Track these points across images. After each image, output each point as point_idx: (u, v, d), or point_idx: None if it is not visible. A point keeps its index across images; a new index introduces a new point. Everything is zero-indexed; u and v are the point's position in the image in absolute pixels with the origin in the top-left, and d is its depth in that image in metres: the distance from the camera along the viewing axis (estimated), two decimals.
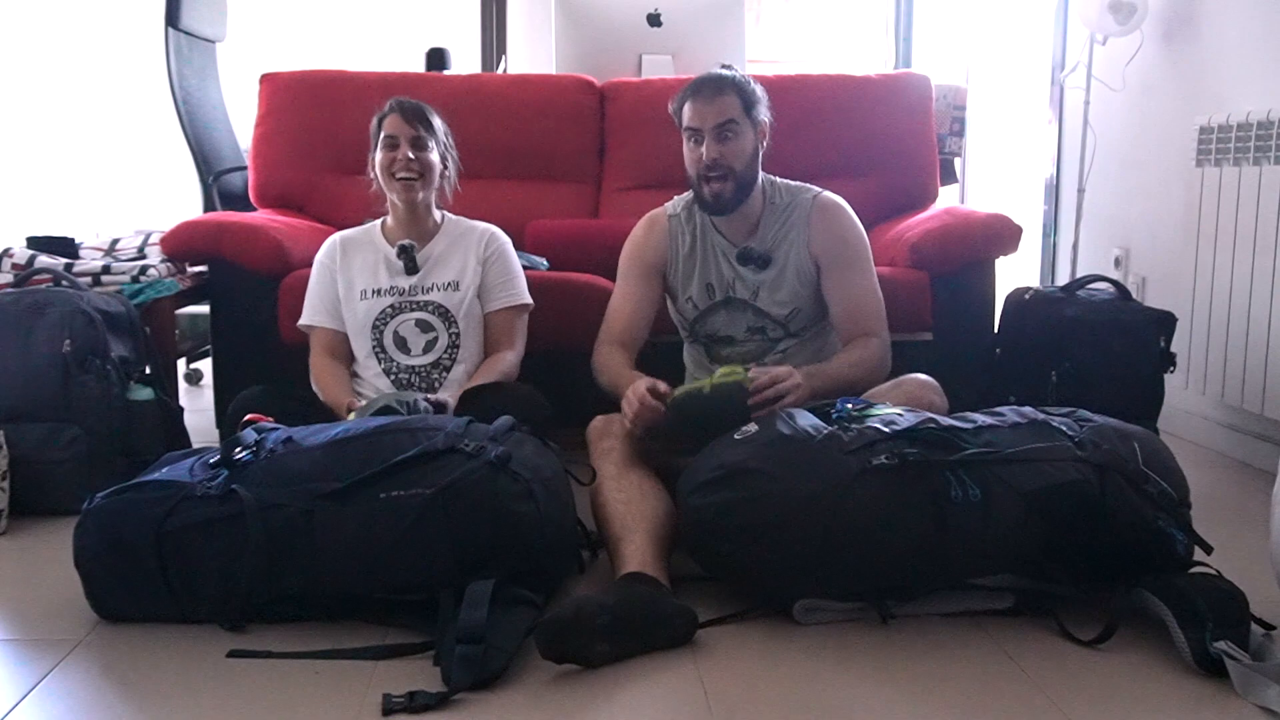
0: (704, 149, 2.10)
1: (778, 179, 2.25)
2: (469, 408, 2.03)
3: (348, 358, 2.31)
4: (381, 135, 2.25)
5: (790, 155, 2.26)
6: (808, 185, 2.25)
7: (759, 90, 2.15)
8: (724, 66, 2.23)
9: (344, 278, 2.30)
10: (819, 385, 1.99)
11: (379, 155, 2.26)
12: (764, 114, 2.16)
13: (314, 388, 2.27)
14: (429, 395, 2.12)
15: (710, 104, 2.09)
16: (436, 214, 2.35)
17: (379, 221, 2.36)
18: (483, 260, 2.31)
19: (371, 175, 2.30)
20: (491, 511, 1.65)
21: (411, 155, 2.23)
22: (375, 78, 3.07)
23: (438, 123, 2.30)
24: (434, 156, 2.27)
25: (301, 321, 2.32)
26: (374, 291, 2.27)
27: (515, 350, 2.32)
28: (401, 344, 2.25)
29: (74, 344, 2.21)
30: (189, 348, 3.49)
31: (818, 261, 2.19)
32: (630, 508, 1.79)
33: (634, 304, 2.22)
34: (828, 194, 2.23)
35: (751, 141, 2.13)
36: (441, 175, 2.30)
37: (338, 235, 2.36)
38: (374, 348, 2.25)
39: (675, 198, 2.29)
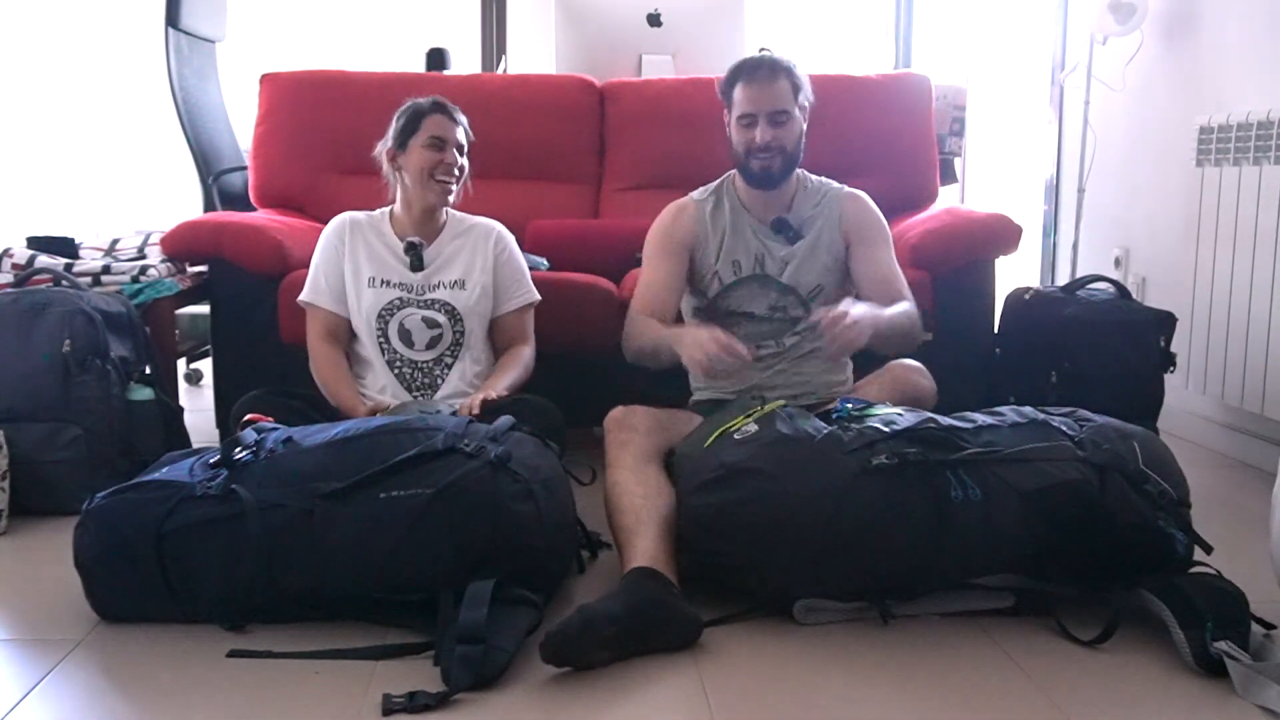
0: (758, 132, 2.15)
1: (808, 172, 2.31)
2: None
3: (346, 341, 2.30)
4: (426, 135, 2.22)
5: None
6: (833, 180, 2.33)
7: (803, 74, 2.22)
8: (762, 50, 2.26)
9: (351, 261, 2.28)
10: (879, 325, 2.02)
11: (422, 154, 2.22)
12: (808, 98, 2.23)
13: (314, 374, 2.25)
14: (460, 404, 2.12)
15: (764, 90, 2.15)
16: (442, 211, 2.34)
17: (386, 211, 2.34)
18: (494, 259, 2.32)
19: (385, 168, 2.29)
20: (491, 511, 1.65)
21: (458, 160, 2.24)
22: (375, 78, 3.07)
23: (466, 121, 2.31)
24: (466, 160, 2.29)
25: (303, 298, 2.29)
26: (382, 281, 2.26)
27: (530, 344, 2.36)
28: (406, 337, 2.25)
29: (74, 344, 2.21)
30: (189, 348, 3.49)
31: (848, 239, 2.26)
32: (647, 502, 1.79)
33: (664, 278, 2.23)
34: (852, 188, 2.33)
35: (800, 125, 2.21)
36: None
37: (347, 216, 2.33)
38: (378, 337, 2.25)
39: (698, 189, 2.32)
